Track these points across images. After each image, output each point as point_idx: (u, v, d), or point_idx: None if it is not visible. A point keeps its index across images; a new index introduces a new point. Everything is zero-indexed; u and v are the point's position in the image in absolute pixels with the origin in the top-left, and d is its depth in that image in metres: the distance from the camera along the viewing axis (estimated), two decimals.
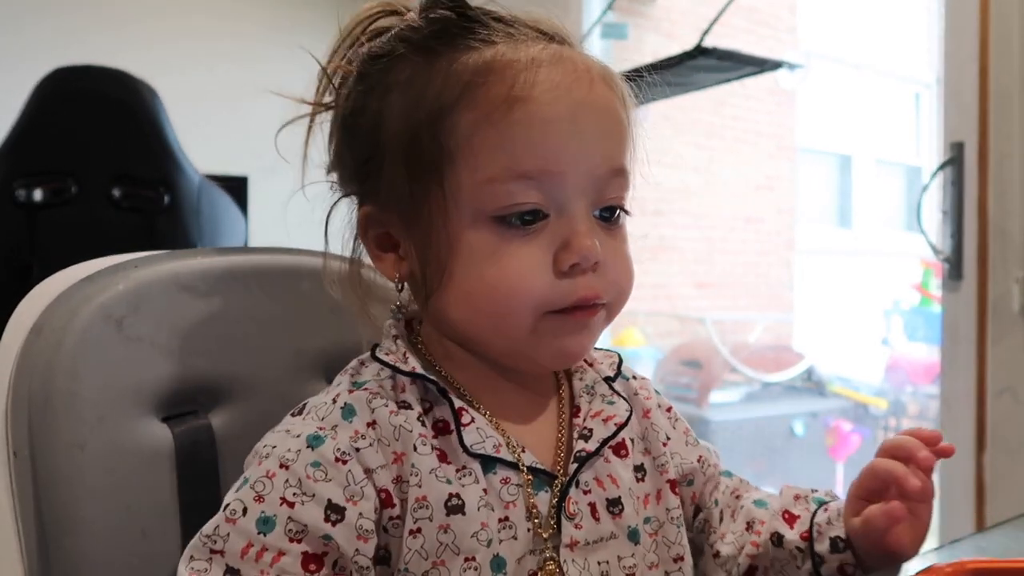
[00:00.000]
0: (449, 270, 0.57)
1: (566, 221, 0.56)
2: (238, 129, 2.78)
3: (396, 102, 0.58)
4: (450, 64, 0.57)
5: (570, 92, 0.56)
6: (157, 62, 2.13)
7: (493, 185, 0.55)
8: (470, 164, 0.56)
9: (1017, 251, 1.38)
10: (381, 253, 0.62)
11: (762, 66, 2.16)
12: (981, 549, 0.68)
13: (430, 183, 0.57)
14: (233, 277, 0.72)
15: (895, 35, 6.92)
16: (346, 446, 0.54)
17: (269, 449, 0.55)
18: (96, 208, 1.53)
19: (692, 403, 4.41)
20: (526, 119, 0.55)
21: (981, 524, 1.39)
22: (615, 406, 0.64)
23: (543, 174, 0.55)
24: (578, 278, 0.56)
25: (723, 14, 1.99)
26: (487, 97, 0.55)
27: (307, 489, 0.53)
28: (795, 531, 0.64)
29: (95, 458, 0.62)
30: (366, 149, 0.60)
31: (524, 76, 0.55)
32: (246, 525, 0.52)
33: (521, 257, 0.56)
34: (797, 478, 4.41)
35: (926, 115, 7.21)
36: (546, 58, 0.57)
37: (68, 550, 0.61)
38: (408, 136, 0.57)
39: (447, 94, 0.56)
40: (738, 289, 5.87)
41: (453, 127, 0.56)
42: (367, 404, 0.57)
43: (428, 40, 0.58)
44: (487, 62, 0.56)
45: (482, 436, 0.57)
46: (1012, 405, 1.38)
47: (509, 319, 0.57)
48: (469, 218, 0.56)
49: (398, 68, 0.59)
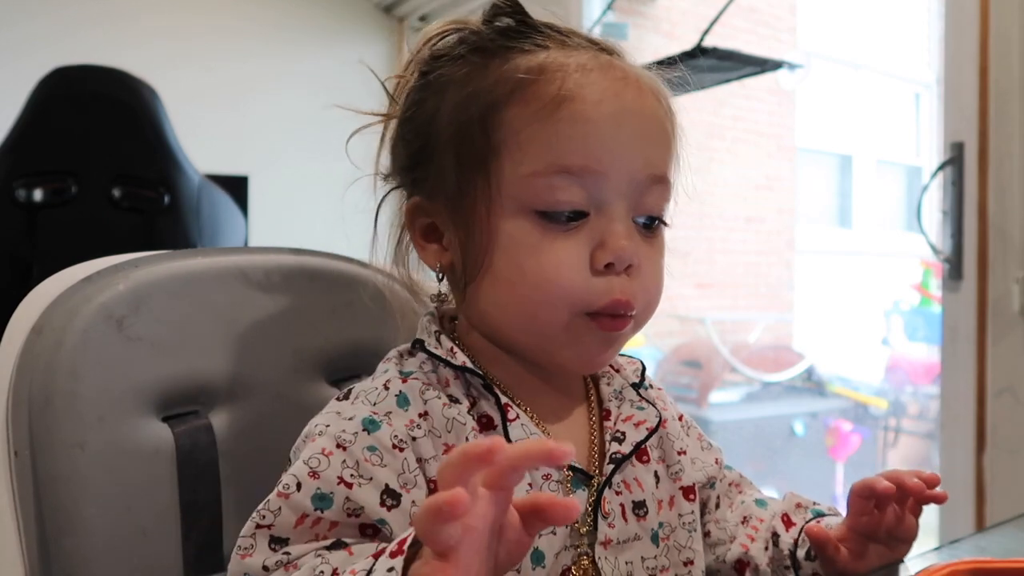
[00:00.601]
0: (488, 260, 0.59)
1: (605, 221, 0.58)
2: (238, 129, 2.79)
3: (451, 97, 0.61)
4: (504, 63, 0.59)
5: (616, 96, 0.59)
6: (157, 62, 2.13)
7: (536, 179, 0.57)
8: (516, 158, 0.58)
9: (1017, 251, 1.38)
10: (425, 243, 0.64)
11: (762, 66, 2.16)
12: (981, 549, 0.68)
13: (477, 174, 0.59)
14: (233, 277, 0.72)
15: (895, 35, 6.92)
16: (403, 433, 0.56)
17: (322, 428, 0.56)
18: (96, 208, 1.53)
19: (692, 403, 4.41)
20: (572, 117, 0.57)
21: (981, 524, 1.39)
22: (645, 411, 0.66)
23: (585, 171, 0.57)
24: (612, 279, 0.58)
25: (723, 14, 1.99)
26: (536, 95, 0.58)
27: (364, 472, 0.54)
28: (789, 535, 0.66)
29: (95, 458, 0.62)
30: (419, 141, 0.63)
31: (573, 78, 0.58)
32: (301, 500, 0.52)
33: (559, 251, 0.57)
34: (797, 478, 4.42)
35: (926, 115, 7.20)
36: (596, 65, 0.60)
37: (68, 550, 0.61)
38: (459, 128, 0.60)
39: (499, 90, 0.59)
40: (738, 289, 5.86)
41: (502, 122, 0.58)
42: (420, 394, 0.58)
43: (487, 42, 0.61)
44: (540, 63, 0.59)
45: (526, 433, 0.59)
46: (1012, 405, 1.38)
47: (543, 312, 0.58)
48: (511, 210, 0.58)
49: (457, 66, 0.61)
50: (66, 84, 1.59)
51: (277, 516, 0.52)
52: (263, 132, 2.83)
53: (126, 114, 1.59)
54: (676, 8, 5.19)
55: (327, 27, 3.05)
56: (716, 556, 0.69)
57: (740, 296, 5.90)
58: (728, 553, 0.68)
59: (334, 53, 3.03)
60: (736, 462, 0.75)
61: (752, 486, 0.74)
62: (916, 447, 5.32)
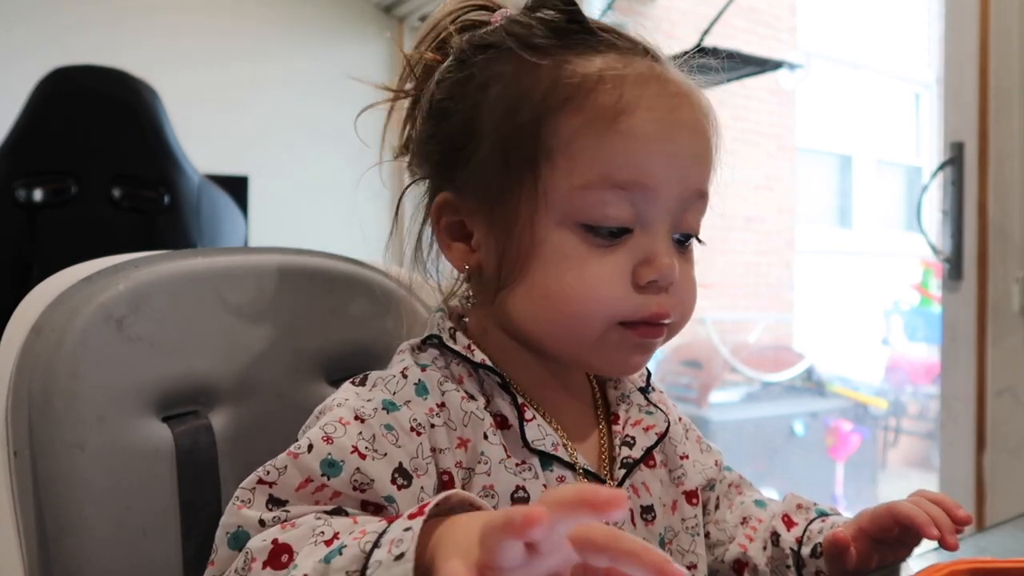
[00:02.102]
0: (526, 268, 0.57)
1: (649, 238, 0.57)
2: (238, 129, 2.78)
3: (498, 95, 0.58)
4: (559, 66, 0.57)
5: (672, 112, 0.57)
6: (157, 62, 2.13)
7: (587, 192, 0.56)
8: (567, 168, 0.56)
9: (1017, 251, 1.38)
10: (451, 242, 0.62)
11: (762, 66, 2.16)
12: (981, 549, 0.68)
13: (523, 180, 0.57)
14: (233, 277, 0.72)
15: (895, 35, 6.92)
16: (423, 419, 0.55)
17: (341, 400, 0.56)
18: (96, 208, 1.53)
19: (692, 403, 4.41)
20: (629, 131, 0.56)
21: (981, 524, 1.39)
22: (653, 416, 0.65)
23: (636, 187, 0.56)
24: (652, 295, 0.57)
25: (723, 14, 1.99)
26: (594, 105, 0.56)
27: (379, 447, 0.52)
28: (791, 534, 0.66)
29: (95, 458, 0.62)
30: (458, 137, 0.60)
31: (632, 90, 0.56)
32: (309, 463, 0.51)
33: (603, 266, 0.56)
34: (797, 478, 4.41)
35: (926, 115, 7.20)
36: (652, 76, 0.58)
37: (68, 550, 0.61)
38: (508, 130, 0.57)
39: (555, 96, 0.57)
40: (738, 289, 5.86)
41: (556, 129, 0.56)
42: (438, 385, 0.58)
43: (537, 38, 0.58)
44: (599, 71, 0.57)
45: (542, 433, 0.59)
46: (1012, 405, 1.38)
47: (581, 325, 0.57)
48: (556, 220, 0.56)
49: (502, 61, 0.59)
50: (66, 84, 1.59)
51: (282, 475, 0.50)
52: (263, 132, 2.83)
53: (126, 114, 1.59)
54: (676, 8, 5.19)
55: (327, 27, 3.05)
56: (715, 556, 0.69)
57: (740, 296, 5.90)
58: (727, 553, 0.68)
59: (334, 53, 3.03)
60: (736, 462, 0.75)
61: (752, 487, 0.74)
62: (916, 447, 5.33)
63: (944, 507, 0.60)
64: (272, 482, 0.50)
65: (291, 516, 0.49)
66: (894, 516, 0.60)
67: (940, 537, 0.59)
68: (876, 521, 0.61)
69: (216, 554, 0.49)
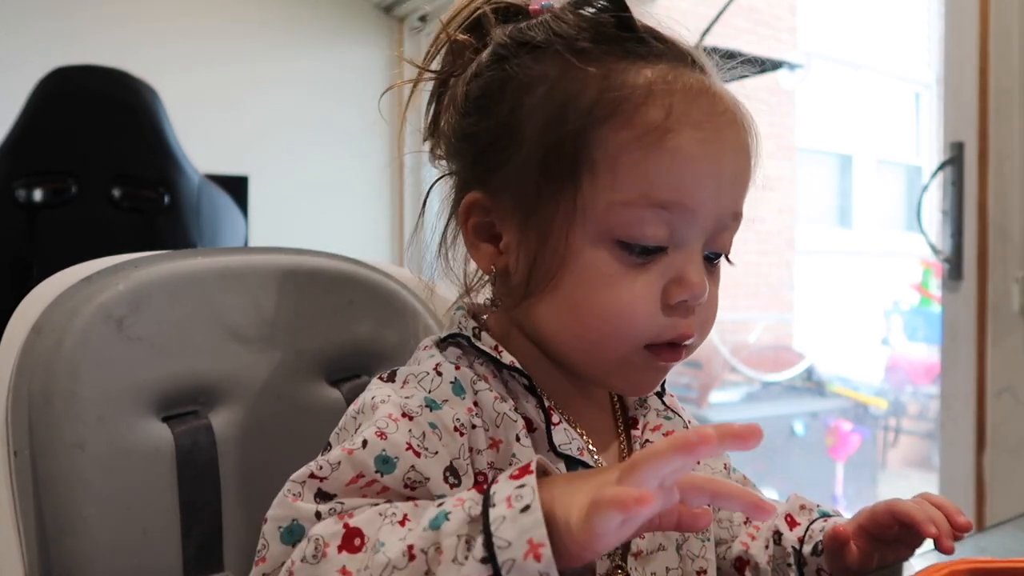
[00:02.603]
0: (557, 279, 0.56)
1: (683, 257, 0.56)
2: (238, 129, 2.78)
3: (542, 99, 0.57)
4: (608, 74, 0.55)
5: (719, 132, 0.56)
6: (157, 61, 2.13)
7: (627, 209, 0.54)
8: (608, 182, 0.54)
9: (1017, 251, 1.38)
10: (479, 242, 0.60)
11: (762, 66, 2.16)
12: (981, 549, 0.68)
13: (563, 189, 0.55)
14: (233, 277, 0.72)
15: (894, 35, 6.92)
16: (465, 419, 0.54)
17: (383, 397, 0.54)
18: (96, 208, 1.53)
19: (692, 403, 4.42)
20: (675, 151, 0.54)
21: (981, 524, 1.39)
22: (672, 421, 0.65)
23: (677, 207, 0.55)
24: (680, 316, 0.56)
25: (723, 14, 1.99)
26: (643, 120, 0.54)
27: (430, 445, 0.52)
28: (793, 533, 0.66)
29: (95, 458, 0.62)
30: (496, 139, 0.58)
31: (680, 107, 0.55)
32: (364, 458, 0.49)
33: (634, 286, 0.55)
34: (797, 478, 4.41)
35: (926, 115, 7.20)
36: (699, 89, 0.57)
37: (68, 550, 0.61)
38: (553, 137, 0.56)
39: (602, 106, 0.55)
40: (738, 289, 5.86)
41: (602, 140, 0.55)
42: (471, 384, 0.57)
43: (585, 42, 0.57)
44: (649, 83, 0.55)
45: (568, 437, 0.58)
46: (1012, 405, 1.38)
47: (608, 343, 0.56)
48: (593, 235, 0.55)
49: (547, 63, 0.57)
50: (66, 84, 1.59)
51: (334, 470, 0.49)
52: (263, 132, 2.83)
53: (126, 114, 1.59)
54: (676, 8, 5.18)
55: (327, 27, 3.05)
56: (718, 554, 0.69)
57: (740, 296, 5.90)
58: (729, 551, 0.68)
59: (334, 53, 3.03)
60: (736, 462, 0.75)
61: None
62: (916, 447, 5.33)
63: (945, 511, 0.60)
64: (324, 477, 0.49)
65: (346, 508, 0.48)
66: (893, 513, 0.60)
67: (937, 536, 0.59)
68: (876, 518, 0.61)
69: (266, 550, 0.47)
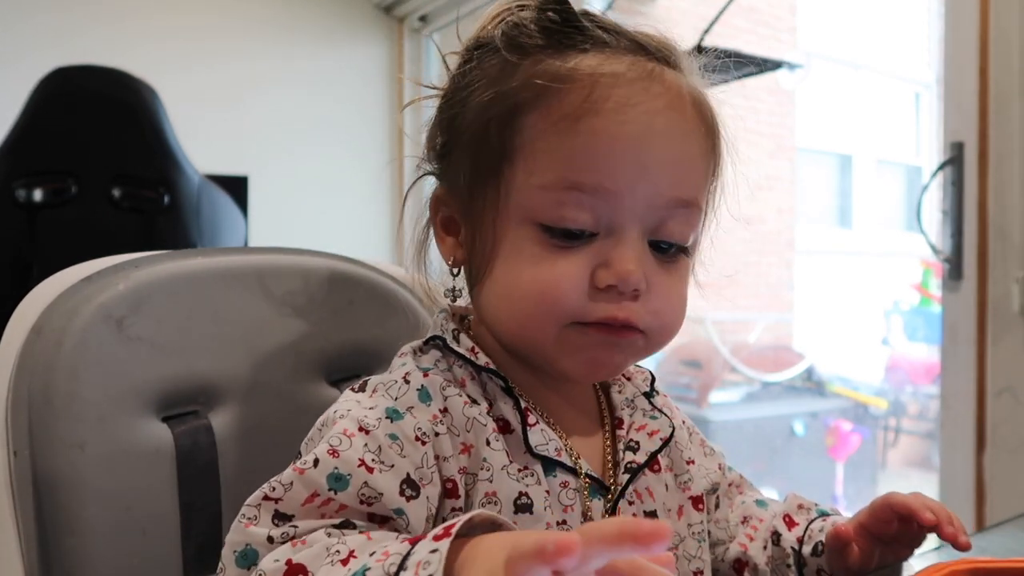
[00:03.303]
0: (491, 265, 0.58)
1: (614, 242, 0.55)
2: (238, 129, 2.78)
3: (480, 92, 0.58)
4: (535, 65, 0.56)
5: (645, 114, 0.55)
6: (157, 61, 2.13)
7: (545, 192, 0.55)
8: (529, 167, 0.55)
9: (1017, 251, 1.38)
10: (444, 235, 0.63)
11: (762, 66, 2.16)
12: (981, 549, 0.68)
13: (489, 177, 0.57)
14: (233, 277, 0.72)
15: (895, 35, 6.92)
16: (427, 428, 0.54)
17: (343, 412, 0.54)
18: (96, 208, 1.53)
19: (692, 403, 4.41)
20: (591, 132, 0.54)
21: (981, 524, 1.39)
22: (658, 421, 0.65)
23: (597, 190, 0.54)
24: (612, 301, 0.55)
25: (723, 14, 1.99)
26: (560, 104, 0.55)
27: (386, 458, 0.51)
28: (792, 534, 0.66)
29: (95, 458, 0.62)
30: (446, 132, 0.61)
31: (601, 90, 0.55)
32: (316, 477, 0.49)
33: (558, 267, 0.55)
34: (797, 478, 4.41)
35: (926, 115, 7.20)
36: (632, 75, 0.56)
37: (68, 550, 0.61)
38: (480, 127, 0.58)
39: (524, 93, 0.56)
40: (738, 289, 5.86)
41: (522, 127, 0.56)
42: (440, 390, 0.57)
43: (525, 37, 0.58)
44: (569, 70, 0.56)
45: (545, 438, 0.58)
46: (1012, 405, 1.38)
47: (534, 322, 0.56)
48: (517, 219, 0.56)
49: (492, 60, 0.59)
50: (66, 84, 1.59)
51: (288, 491, 0.49)
52: (263, 132, 2.83)
53: (126, 114, 1.59)
54: (676, 8, 5.19)
55: (327, 27, 3.05)
56: (715, 555, 0.69)
57: (740, 296, 5.90)
58: (727, 552, 0.68)
59: (334, 53, 3.03)
60: (736, 462, 0.75)
61: (753, 487, 0.74)
62: (916, 447, 5.33)
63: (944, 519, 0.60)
64: (278, 498, 0.49)
65: (299, 532, 0.47)
66: (891, 506, 0.60)
67: (935, 523, 0.59)
68: (875, 514, 0.61)
69: (224, 573, 0.48)
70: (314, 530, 0.47)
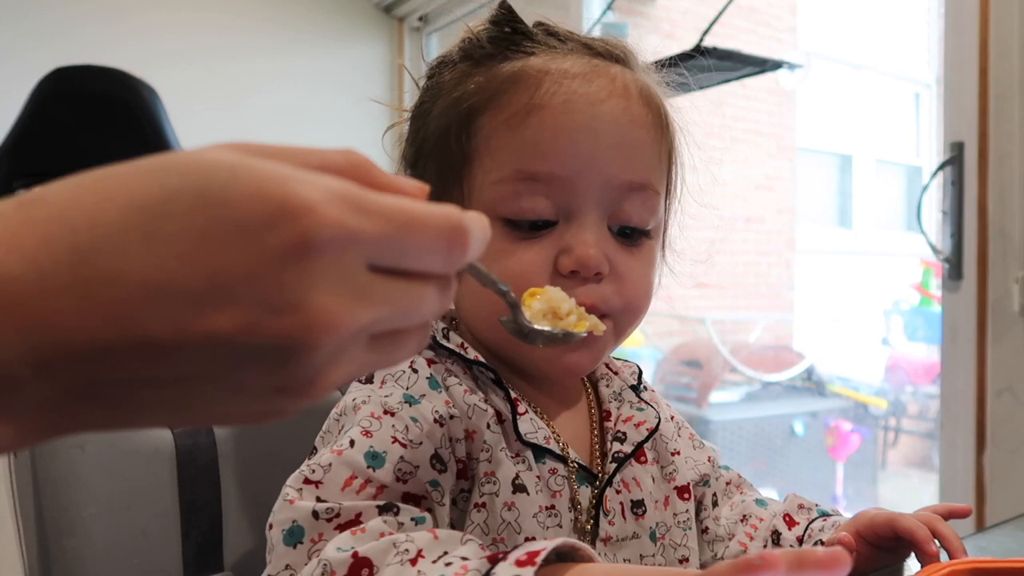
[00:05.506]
0: None
1: (574, 229, 0.58)
2: (238, 129, 2.78)
3: (440, 103, 0.61)
4: (487, 71, 0.60)
5: (592, 104, 0.58)
6: (157, 61, 2.13)
7: (502, 185, 0.57)
8: (486, 165, 0.58)
9: (1017, 251, 1.38)
10: None
11: (762, 66, 2.16)
12: (981, 549, 0.68)
13: (453, 181, 0.59)
14: None
15: (895, 35, 6.92)
16: (444, 411, 0.56)
17: (363, 399, 0.56)
18: None
19: (692, 403, 4.41)
20: (540, 124, 0.57)
21: (981, 524, 1.39)
22: (644, 412, 0.66)
23: (550, 178, 0.57)
24: (578, 287, 0.57)
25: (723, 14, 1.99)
26: (510, 103, 0.58)
27: (414, 437, 0.53)
28: (792, 533, 0.67)
29: (95, 458, 0.62)
30: (413, 144, 0.64)
31: (548, 86, 0.58)
32: (354, 456, 0.51)
33: (522, 258, 0.57)
34: (797, 478, 4.41)
35: (926, 115, 7.20)
36: (577, 71, 0.59)
37: (68, 550, 0.61)
38: (441, 135, 0.60)
39: (477, 98, 0.59)
40: (738, 289, 5.86)
41: (477, 129, 0.59)
42: (443, 380, 0.59)
43: (479, 50, 0.61)
44: (517, 71, 0.59)
45: (535, 427, 0.59)
46: (1012, 405, 1.38)
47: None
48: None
49: (449, 73, 0.62)
50: (66, 84, 1.59)
51: (327, 472, 0.50)
52: (263, 132, 2.83)
53: (126, 114, 1.58)
54: (676, 8, 5.19)
55: (327, 27, 3.05)
56: (714, 553, 0.69)
57: (740, 296, 5.90)
58: (727, 551, 0.69)
59: (334, 53, 3.03)
60: (736, 462, 0.76)
61: (751, 487, 0.75)
62: (916, 447, 5.33)
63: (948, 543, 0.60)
64: (318, 481, 0.50)
65: (344, 509, 0.48)
66: (894, 529, 0.60)
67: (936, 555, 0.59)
68: (875, 530, 0.61)
69: (272, 552, 0.48)
70: (360, 511, 0.48)
